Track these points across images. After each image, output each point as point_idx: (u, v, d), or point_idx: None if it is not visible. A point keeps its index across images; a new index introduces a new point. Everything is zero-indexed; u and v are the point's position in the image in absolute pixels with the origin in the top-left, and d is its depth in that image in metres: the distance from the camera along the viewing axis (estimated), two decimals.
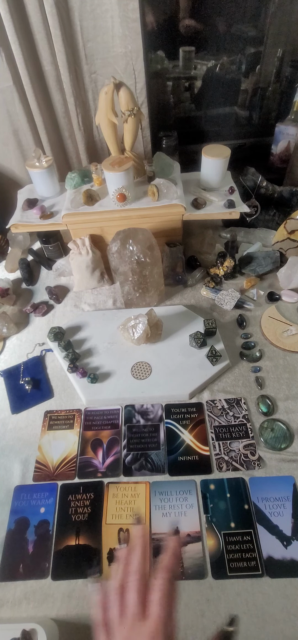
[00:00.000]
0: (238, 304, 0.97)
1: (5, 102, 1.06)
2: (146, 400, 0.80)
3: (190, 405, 0.79)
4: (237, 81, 1.31)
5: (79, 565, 0.61)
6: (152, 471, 0.70)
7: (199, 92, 1.33)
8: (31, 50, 1.00)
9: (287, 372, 0.83)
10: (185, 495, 0.67)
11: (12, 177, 1.26)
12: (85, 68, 1.05)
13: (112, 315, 0.98)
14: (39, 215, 1.00)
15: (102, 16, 0.96)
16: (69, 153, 1.22)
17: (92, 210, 0.98)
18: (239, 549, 0.61)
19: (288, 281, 0.99)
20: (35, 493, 0.69)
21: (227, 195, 1.00)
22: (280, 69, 1.26)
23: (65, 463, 0.73)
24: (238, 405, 0.78)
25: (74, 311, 1.03)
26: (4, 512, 0.67)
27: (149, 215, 0.97)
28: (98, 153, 1.23)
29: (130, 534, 0.36)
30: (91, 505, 0.67)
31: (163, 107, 1.35)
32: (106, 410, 0.80)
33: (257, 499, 0.65)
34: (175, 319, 0.94)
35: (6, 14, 0.89)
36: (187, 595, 0.57)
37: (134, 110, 0.90)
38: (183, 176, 1.08)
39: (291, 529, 0.62)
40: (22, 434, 0.78)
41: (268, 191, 1.15)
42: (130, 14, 0.93)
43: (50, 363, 0.90)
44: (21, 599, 0.59)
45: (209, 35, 1.20)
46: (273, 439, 0.72)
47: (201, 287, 1.04)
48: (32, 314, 1.03)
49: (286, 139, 1.23)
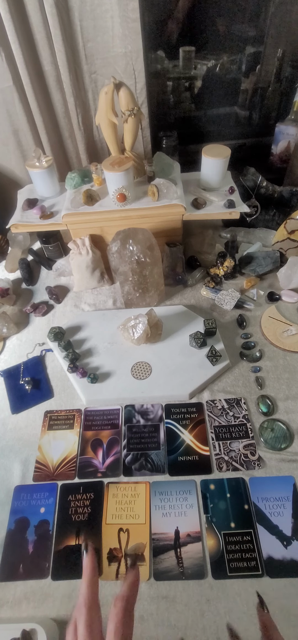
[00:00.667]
0: (238, 304, 0.97)
1: (5, 102, 1.07)
2: (146, 400, 0.80)
3: (190, 405, 0.79)
4: (237, 81, 1.31)
5: (79, 566, 0.61)
6: (152, 471, 0.70)
7: (199, 92, 1.33)
8: (31, 50, 1.00)
9: (287, 372, 0.83)
10: (185, 495, 0.67)
11: (12, 177, 1.26)
12: (85, 68, 1.05)
13: (112, 315, 0.98)
14: (39, 215, 1.00)
15: (102, 16, 0.96)
16: (69, 153, 1.22)
17: (92, 210, 0.98)
18: (239, 549, 0.61)
19: (288, 281, 0.99)
20: (35, 493, 0.69)
21: (227, 195, 1.00)
22: (280, 69, 1.26)
23: (65, 463, 0.72)
24: (238, 405, 0.78)
25: (74, 311, 1.03)
26: (4, 512, 0.67)
27: (149, 215, 0.97)
28: (98, 153, 1.23)
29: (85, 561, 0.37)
30: (91, 505, 0.67)
31: (163, 107, 1.35)
32: (106, 410, 0.80)
33: (257, 499, 0.65)
34: (175, 319, 0.94)
35: (6, 14, 0.89)
36: (187, 595, 0.57)
37: (134, 110, 0.90)
38: (183, 176, 1.08)
39: (291, 529, 0.62)
40: (22, 434, 0.78)
41: (268, 191, 1.15)
42: (130, 14, 0.94)
43: (50, 363, 0.90)
44: (21, 599, 0.59)
45: (209, 35, 1.20)
46: (273, 439, 0.72)
47: (201, 287, 1.04)
48: (32, 314, 1.03)
49: (286, 139, 1.23)
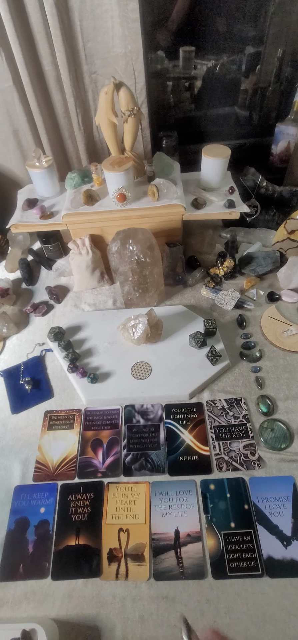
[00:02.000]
0: (238, 304, 0.97)
1: (5, 102, 1.07)
2: (146, 400, 0.80)
3: (190, 405, 0.79)
4: (237, 81, 1.31)
5: (79, 565, 0.61)
6: (152, 471, 0.70)
7: (199, 92, 1.33)
8: (31, 50, 1.00)
9: (287, 372, 0.83)
10: (185, 495, 0.67)
11: (12, 177, 1.26)
12: (85, 68, 1.05)
13: (112, 315, 0.98)
14: (39, 215, 1.00)
15: (102, 16, 0.96)
16: (69, 153, 1.22)
17: (92, 210, 0.98)
18: (239, 549, 0.61)
19: (288, 281, 0.99)
20: (35, 493, 0.69)
21: (227, 195, 1.00)
22: (280, 69, 1.26)
23: (65, 463, 0.72)
24: (238, 405, 0.78)
25: (74, 311, 1.03)
26: (4, 512, 0.67)
27: (149, 215, 0.97)
28: (98, 153, 1.23)
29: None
30: (91, 505, 0.67)
31: (163, 107, 1.35)
32: (106, 410, 0.80)
33: (257, 499, 0.65)
34: (175, 319, 0.94)
35: (6, 14, 0.89)
36: (187, 595, 0.57)
37: (134, 110, 0.90)
38: (183, 176, 1.08)
39: (291, 529, 0.62)
40: (22, 434, 0.78)
41: (268, 191, 1.15)
42: (130, 14, 0.94)
43: (50, 363, 0.90)
44: (21, 599, 0.59)
45: (209, 35, 1.20)
46: (273, 439, 0.72)
47: (201, 287, 1.04)
48: (32, 314, 1.03)
49: (286, 139, 1.23)
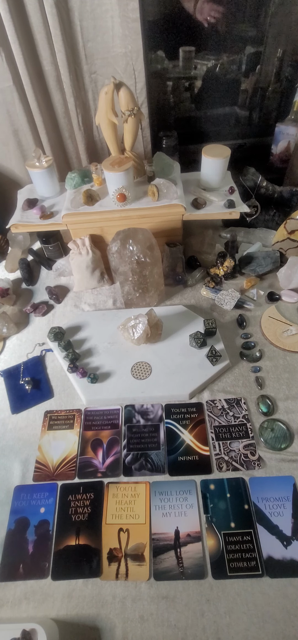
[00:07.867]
0: (238, 304, 0.97)
1: (5, 102, 1.07)
2: (146, 400, 0.80)
3: (190, 405, 0.79)
4: (237, 81, 1.31)
5: (79, 565, 0.61)
6: (152, 471, 0.70)
7: (199, 92, 1.33)
8: (31, 50, 1.00)
9: (287, 372, 0.83)
10: (185, 495, 0.67)
11: (12, 177, 1.26)
12: (85, 68, 1.05)
13: (112, 315, 0.98)
14: (39, 215, 1.00)
15: (102, 16, 0.96)
16: (69, 153, 1.22)
17: (92, 210, 0.98)
18: (239, 549, 0.61)
19: (288, 281, 0.99)
20: (35, 493, 0.69)
21: (227, 195, 1.00)
22: (280, 69, 1.26)
23: (65, 463, 0.72)
24: (238, 405, 0.78)
25: (74, 311, 1.03)
26: (4, 512, 0.67)
27: (149, 215, 0.97)
28: (98, 153, 1.23)
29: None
30: (91, 505, 0.67)
31: (163, 107, 1.35)
32: (106, 410, 0.80)
33: (257, 499, 0.65)
34: (175, 319, 0.94)
35: (6, 14, 0.89)
36: (187, 595, 0.57)
37: (134, 110, 0.90)
38: (183, 176, 1.08)
39: (291, 529, 0.62)
40: (22, 434, 0.78)
41: (268, 191, 1.15)
42: (130, 14, 0.94)
43: (50, 363, 0.90)
44: (21, 599, 0.59)
45: (209, 35, 1.20)
46: (273, 439, 0.72)
47: (201, 287, 1.04)
48: (32, 314, 1.03)
49: (286, 139, 1.23)
